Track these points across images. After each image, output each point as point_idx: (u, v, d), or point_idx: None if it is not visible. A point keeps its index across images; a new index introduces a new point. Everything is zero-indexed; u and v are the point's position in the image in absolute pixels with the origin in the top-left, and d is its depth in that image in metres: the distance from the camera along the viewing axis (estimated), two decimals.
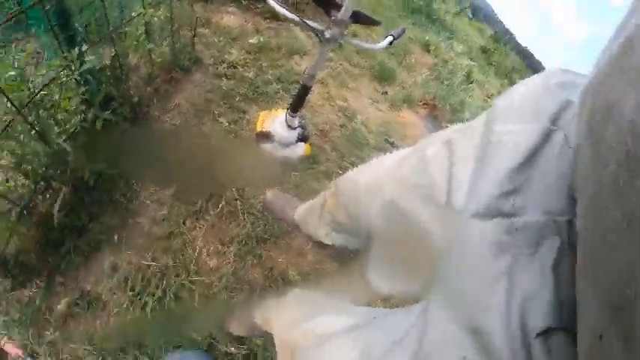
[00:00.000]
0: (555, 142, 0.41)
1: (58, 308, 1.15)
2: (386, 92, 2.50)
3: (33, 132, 1.03)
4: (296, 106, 1.43)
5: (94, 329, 1.14)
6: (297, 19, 1.11)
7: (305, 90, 1.36)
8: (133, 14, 1.39)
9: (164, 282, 1.22)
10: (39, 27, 1.20)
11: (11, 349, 1.12)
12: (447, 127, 0.80)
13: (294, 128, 1.52)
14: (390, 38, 1.22)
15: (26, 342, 1.09)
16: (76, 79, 1.16)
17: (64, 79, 1.16)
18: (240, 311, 1.21)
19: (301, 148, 1.59)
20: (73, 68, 1.13)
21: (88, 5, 1.24)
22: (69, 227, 1.21)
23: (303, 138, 1.61)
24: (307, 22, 1.12)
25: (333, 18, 1.10)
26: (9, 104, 0.91)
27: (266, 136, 1.53)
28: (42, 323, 1.12)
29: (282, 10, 1.14)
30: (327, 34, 1.13)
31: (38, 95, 1.06)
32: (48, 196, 1.20)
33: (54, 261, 1.18)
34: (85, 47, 1.15)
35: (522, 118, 0.44)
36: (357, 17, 1.10)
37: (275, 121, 1.53)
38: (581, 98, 0.36)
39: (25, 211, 1.12)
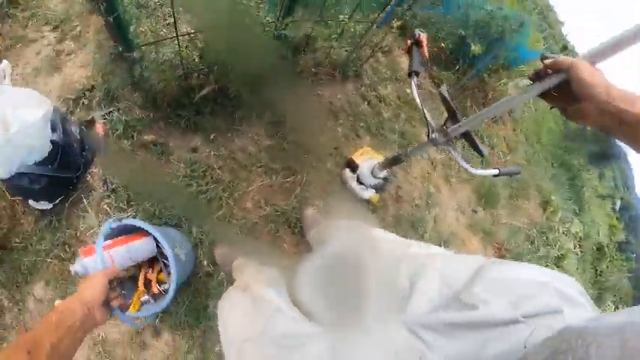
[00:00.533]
0: (514, 332, 0.44)
1: (144, 137, 1.58)
2: (476, 211, 2.50)
3: None
4: (385, 165, 1.59)
5: (148, 169, 1.55)
6: (419, 105, 1.18)
7: (396, 160, 1.48)
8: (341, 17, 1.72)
9: (213, 185, 1.58)
10: None
11: (100, 127, 1.59)
12: None
13: (376, 177, 1.68)
14: (495, 171, 1.16)
15: (109, 138, 1.56)
16: (273, 32, 1.51)
17: (267, 28, 1.52)
18: (232, 247, 1.47)
19: (369, 194, 1.74)
20: (277, 26, 1.48)
21: None
22: (195, 105, 1.60)
23: (378, 188, 1.76)
24: (426, 114, 1.18)
25: (445, 126, 1.13)
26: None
27: (352, 166, 1.73)
28: (126, 134, 1.57)
29: (413, 89, 1.21)
30: (433, 135, 1.16)
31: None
32: (202, 77, 1.58)
33: (169, 113, 1.60)
34: (296, 17, 1.48)
35: (502, 296, 0.48)
36: (467, 138, 1.10)
37: (368, 161, 1.71)
38: (573, 327, 0.39)
39: (183, 75, 1.52)
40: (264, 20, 1.53)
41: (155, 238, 1.17)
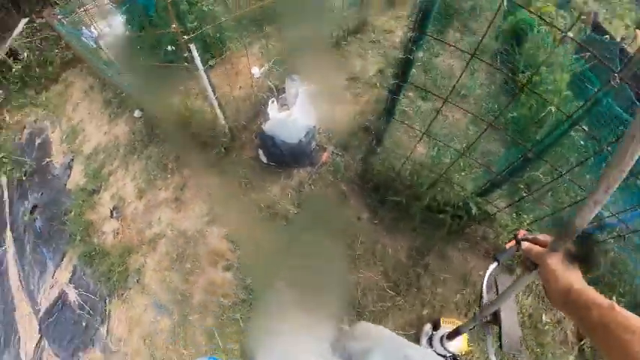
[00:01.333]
0: None
1: (341, 185, 2.32)
2: None
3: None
4: (450, 336, 1.69)
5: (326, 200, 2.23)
6: (483, 285, 1.22)
7: (456, 332, 1.59)
8: None
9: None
10: None
11: (326, 155, 2.44)
12: None
13: (445, 349, 1.78)
14: None
15: (324, 165, 2.36)
16: (466, 197, 1.83)
17: (464, 192, 1.84)
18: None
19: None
20: (472, 196, 1.79)
21: None
22: (383, 198, 2.20)
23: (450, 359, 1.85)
24: (483, 294, 1.21)
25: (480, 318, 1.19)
26: None
27: (435, 326, 1.89)
28: (334, 173, 2.34)
29: (487, 271, 1.23)
30: (475, 312, 1.25)
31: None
32: (401, 188, 2.06)
33: (365, 186, 2.28)
34: (491, 198, 1.76)
35: None
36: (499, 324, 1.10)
37: (446, 329, 1.81)
38: None
39: (390, 179, 2.06)
40: (467, 187, 1.89)
41: None
